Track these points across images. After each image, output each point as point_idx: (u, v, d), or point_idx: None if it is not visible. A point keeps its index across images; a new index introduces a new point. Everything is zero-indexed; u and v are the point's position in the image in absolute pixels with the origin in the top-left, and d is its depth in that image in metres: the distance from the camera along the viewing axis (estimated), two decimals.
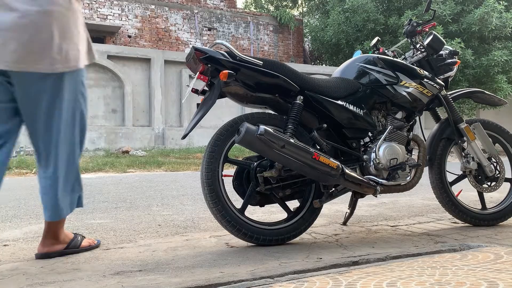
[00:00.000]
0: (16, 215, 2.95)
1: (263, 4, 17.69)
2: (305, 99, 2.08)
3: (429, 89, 2.37)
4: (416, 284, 1.27)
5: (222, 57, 1.95)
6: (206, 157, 1.96)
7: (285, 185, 2.04)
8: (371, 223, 2.60)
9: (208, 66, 1.93)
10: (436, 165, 2.46)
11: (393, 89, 2.29)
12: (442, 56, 2.53)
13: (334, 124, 2.17)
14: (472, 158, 2.49)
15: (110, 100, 9.74)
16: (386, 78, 2.29)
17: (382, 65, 2.32)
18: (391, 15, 13.10)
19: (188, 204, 3.36)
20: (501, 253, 1.63)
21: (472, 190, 2.58)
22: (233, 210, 1.95)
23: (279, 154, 1.86)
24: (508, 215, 2.52)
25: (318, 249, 1.93)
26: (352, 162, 2.19)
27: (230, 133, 1.99)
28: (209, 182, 1.93)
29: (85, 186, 4.56)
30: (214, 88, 1.96)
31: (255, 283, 1.38)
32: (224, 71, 1.89)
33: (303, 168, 1.92)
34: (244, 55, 2.00)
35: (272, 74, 2.01)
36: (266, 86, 2.04)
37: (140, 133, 9.78)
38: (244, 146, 1.88)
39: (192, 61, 1.98)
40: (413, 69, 2.37)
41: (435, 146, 2.49)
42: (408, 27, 2.54)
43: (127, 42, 13.05)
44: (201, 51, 1.94)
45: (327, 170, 1.93)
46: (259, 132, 1.82)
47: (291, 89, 2.05)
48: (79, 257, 1.86)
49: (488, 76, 12.39)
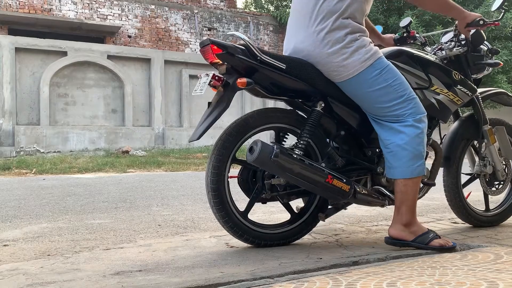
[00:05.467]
0: (16, 215, 2.95)
1: (263, 4, 17.67)
2: (326, 104, 1.96)
3: (460, 97, 2.17)
4: (416, 284, 1.26)
5: (241, 55, 1.78)
6: (213, 161, 1.84)
7: (291, 192, 1.97)
8: (371, 223, 2.60)
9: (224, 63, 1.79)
10: (454, 167, 2.33)
11: (422, 94, 2.07)
12: (480, 52, 2.30)
13: (352, 132, 2.05)
14: (488, 161, 2.39)
15: (110, 100, 9.73)
16: (417, 81, 2.06)
17: (416, 65, 2.07)
18: (391, 15, 13.09)
19: (188, 204, 3.36)
20: (501, 253, 1.63)
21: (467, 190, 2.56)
22: (237, 216, 1.89)
23: (292, 177, 1.80)
24: (508, 215, 2.52)
25: (318, 249, 1.93)
26: (365, 170, 2.08)
27: (240, 133, 1.88)
28: (214, 187, 1.84)
29: (85, 186, 4.58)
30: (228, 89, 1.82)
31: (255, 283, 1.37)
32: (243, 80, 1.76)
33: (315, 189, 1.86)
34: (265, 55, 1.82)
35: (294, 80, 1.87)
36: (286, 91, 1.93)
37: (140, 133, 9.77)
38: (256, 165, 1.81)
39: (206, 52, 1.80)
40: (448, 72, 2.14)
41: (456, 146, 2.34)
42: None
43: (127, 42, 13.04)
44: (218, 45, 1.76)
45: (339, 192, 1.86)
46: (274, 154, 1.72)
47: (313, 95, 1.94)
48: (79, 257, 1.86)
49: (488, 76, 12.38)
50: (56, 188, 4.44)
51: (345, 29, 1.84)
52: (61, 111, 9.24)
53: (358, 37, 1.86)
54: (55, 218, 2.84)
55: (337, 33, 1.83)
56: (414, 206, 1.90)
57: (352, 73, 1.85)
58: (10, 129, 8.66)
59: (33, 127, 8.79)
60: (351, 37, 1.84)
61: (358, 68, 1.84)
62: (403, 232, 1.87)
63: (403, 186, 1.87)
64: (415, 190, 1.89)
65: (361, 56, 1.83)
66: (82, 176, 5.95)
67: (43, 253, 1.96)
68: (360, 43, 1.85)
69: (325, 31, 1.84)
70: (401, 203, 1.88)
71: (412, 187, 1.87)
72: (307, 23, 1.89)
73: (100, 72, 9.64)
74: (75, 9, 12.55)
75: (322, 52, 1.84)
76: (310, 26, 1.88)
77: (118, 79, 9.75)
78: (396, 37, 2.40)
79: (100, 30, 12.73)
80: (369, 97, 1.89)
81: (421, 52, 2.19)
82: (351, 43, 1.83)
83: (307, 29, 1.89)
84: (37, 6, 12.12)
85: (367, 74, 1.85)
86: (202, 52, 1.84)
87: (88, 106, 9.49)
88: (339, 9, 1.84)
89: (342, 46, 1.83)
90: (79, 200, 3.61)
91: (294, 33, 1.96)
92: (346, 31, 1.84)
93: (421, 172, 1.87)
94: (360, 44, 1.85)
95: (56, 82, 9.17)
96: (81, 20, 12.31)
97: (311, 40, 1.87)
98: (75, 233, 2.38)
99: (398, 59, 2.04)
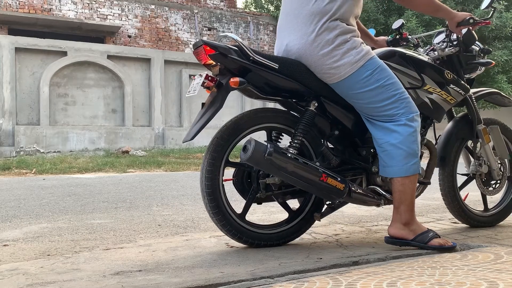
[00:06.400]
0: (16, 215, 2.95)
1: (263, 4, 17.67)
2: (319, 104, 1.96)
3: (453, 96, 2.18)
4: (416, 284, 1.26)
5: (234, 55, 1.79)
6: (206, 165, 1.84)
7: (286, 192, 1.98)
8: (371, 223, 2.60)
9: (218, 64, 1.81)
10: (449, 167, 2.33)
11: (415, 94, 2.08)
12: (472, 52, 2.31)
13: (346, 132, 2.05)
14: (484, 161, 2.40)
15: (110, 100, 9.74)
16: (410, 81, 2.07)
17: (408, 65, 2.08)
18: (391, 15, 13.09)
19: (188, 204, 3.36)
20: (501, 253, 1.63)
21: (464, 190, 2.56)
22: (234, 218, 1.89)
23: (286, 175, 1.80)
24: (507, 214, 2.53)
25: (318, 249, 1.93)
26: (360, 170, 2.08)
27: (232, 136, 1.88)
28: (209, 192, 1.84)
29: (85, 186, 4.58)
30: (222, 90, 1.83)
31: (255, 283, 1.37)
32: (235, 80, 1.77)
33: (309, 188, 1.87)
34: (258, 55, 1.83)
35: (287, 80, 1.87)
36: (279, 90, 1.93)
37: (140, 133, 9.78)
38: (250, 164, 1.82)
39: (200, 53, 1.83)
40: (441, 72, 2.15)
41: (451, 146, 2.34)
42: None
43: (127, 42, 13.04)
44: (211, 46, 1.78)
45: (333, 191, 1.87)
46: (267, 152, 1.73)
47: (306, 95, 1.95)
48: (79, 257, 1.86)
49: (488, 76, 12.39)
50: (56, 188, 4.44)
51: (335, 30, 1.84)
52: (61, 111, 9.25)
53: (349, 38, 1.86)
54: (55, 218, 2.84)
55: (327, 34, 1.84)
56: (413, 205, 1.90)
57: (343, 75, 1.86)
58: (10, 129, 8.67)
59: (33, 127, 8.80)
60: (342, 39, 1.84)
61: (349, 70, 1.84)
62: (403, 231, 1.87)
63: (400, 185, 1.87)
64: (413, 189, 1.89)
65: (352, 57, 1.84)
66: (82, 176, 5.95)
67: (43, 253, 1.96)
68: (351, 44, 1.86)
69: (315, 33, 1.84)
70: (400, 202, 1.88)
71: (409, 186, 1.87)
72: (298, 25, 1.89)
73: (100, 72, 9.64)
74: (75, 9, 12.55)
75: (313, 54, 1.85)
76: (301, 28, 1.88)
77: (118, 79, 9.75)
78: (389, 39, 2.43)
79: (100, 30, 12.74)
80: (361, 97, 1.90)
81: (414, 53, 2.20)
82: (341, 44, 1.84)
83: (298, 30, 1.89)
84: (37, 6, 12.12)
85: (359, 75, 1.85)
86: (196, 54, 1.86)
87: (88, 106, 9.50)
88: (329, 10, 1.84)
89: (333, 48, 1.83)
90: (79, 200, 3.61)
91: (285, 35, 1.96)
92: (336, 32, 1.84)
93: (416, 170, 1.88)
94: (350, 46, 1.85)
95: (56, 82, 9.17)
96: (81, 20, 12.31)
97: (302, 42, 1.87)
98: (75, 233, 2.38)
99: (390, 59, 2.05)
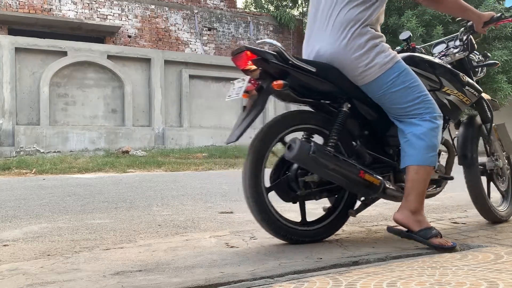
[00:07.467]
0: (16, 215, 2.95)
1: (263, 4, 17.67)
2: (352, 105, 2.05)
3: (469, 97, 2.31)
4: (416, 284, 1.27)
5: (275, 60, 1.88)
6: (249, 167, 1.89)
7: (323, 189, 2.04)
8: (371, 223, 2.60)
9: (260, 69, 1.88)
10: (475, 165, 2.37)
11: (435, 96, 2.17)
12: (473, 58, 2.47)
13: (375, 131, 2.15)
14: (498, 156, 2.51)
15: (110, 100, 9.74)
16: (429, 83, 2.18)
17: (427, 68, 2.20)
18: (391, 15, 13.09)
19: (188, 204, 3.36)
20: (501, 253, 1.63)
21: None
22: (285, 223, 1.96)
23: (327, 172, 1.88)
24: None
25: (318, 249, 1.92)
26: (387, 168, 2.15)
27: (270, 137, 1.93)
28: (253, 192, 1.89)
29: (85, 186, 4.58)
30: (263, 93, 1.91)
31: (255, 283, 1.38)
32: (279, 82, 1.85)
33: (348, 184, 1.94)
34: (296, 59, 1.93)
35: (324, 82, 1.98)
36: (315, 93, 2.03)
37: (140, 133, 9.77)
38: (295, 162, 1.90)
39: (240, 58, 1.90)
40: (457, 75, 2.27)
41: (471, 143, 2.40)
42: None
43: (127, 42, 13.04)
44: (253, 51, 1.86)
45: (370, 186, 1.94)
46: (312, 151, 1.82)
47: (339, 97, 2.04)
48: (79, 257, 1.86)
49: (488, 76, 12.38)
50: (56, 188, 4.44)
51: (365, 35, 1.96)
52: (61, 111, 9.25)
53: (378, 42, 1.98)
54: (55, 218, 2.84)
55: (359, 39, 1.95)
56: (423, 196, 1.96)
57: (373, 76, 1.96)
58: (10, 129, 8.67)
59: (33, 127, 8.80)
60: (372, 43, 1.96)
61: (378, 71, 1.96)
62: (409, 218, 1.91)
63: (415, 173, 1.93)
64: (426, 180, 1.95)
65: (382, 60, 1.96)
66: (82, 176, 5.95)
67: (43, 253, 1.96)
68: (380, 48, 1.97)
69: (348, 38, 1.95)
70: (411, 190, 1.93)
71: (423, 176, 1.93)
72: (330, 31, 2.00)
73: (100, 72, 9.64)
74: (75, 9, 12.56)
75: (347, 57, 1.96)
76: (333, 34, 1.98)
77: (118, 79, 9.75)
78: (398, 50, 2.51)
79: (100, 30, 12.74)
80: (388, 98, 2.01)
81: (431, 57, 2.30)
82: (372, 48, 1.96)
83: (330, 37, 1.99)
84: (37, 6, 12.12)
85: (387, 76, 1.97)
86: (235, 59, 1.92)
87: (88, 106, 9.50)
88: (361, 18, 1.96)
89: (365, 51, 1.95)
90: (79, 200, 3.61)
91: (316, 40, 2.06)
92: (366, 37, 1.96)
93: (433, 162, 1.95)
94: (380, 50, 1.97)
95: (56, 82, 9.17)
96: (81, 20, 12.31)
97: (335, 47, 1.97)
98: (75, 233, 2.38)
99: (412, 63, 2.14)
